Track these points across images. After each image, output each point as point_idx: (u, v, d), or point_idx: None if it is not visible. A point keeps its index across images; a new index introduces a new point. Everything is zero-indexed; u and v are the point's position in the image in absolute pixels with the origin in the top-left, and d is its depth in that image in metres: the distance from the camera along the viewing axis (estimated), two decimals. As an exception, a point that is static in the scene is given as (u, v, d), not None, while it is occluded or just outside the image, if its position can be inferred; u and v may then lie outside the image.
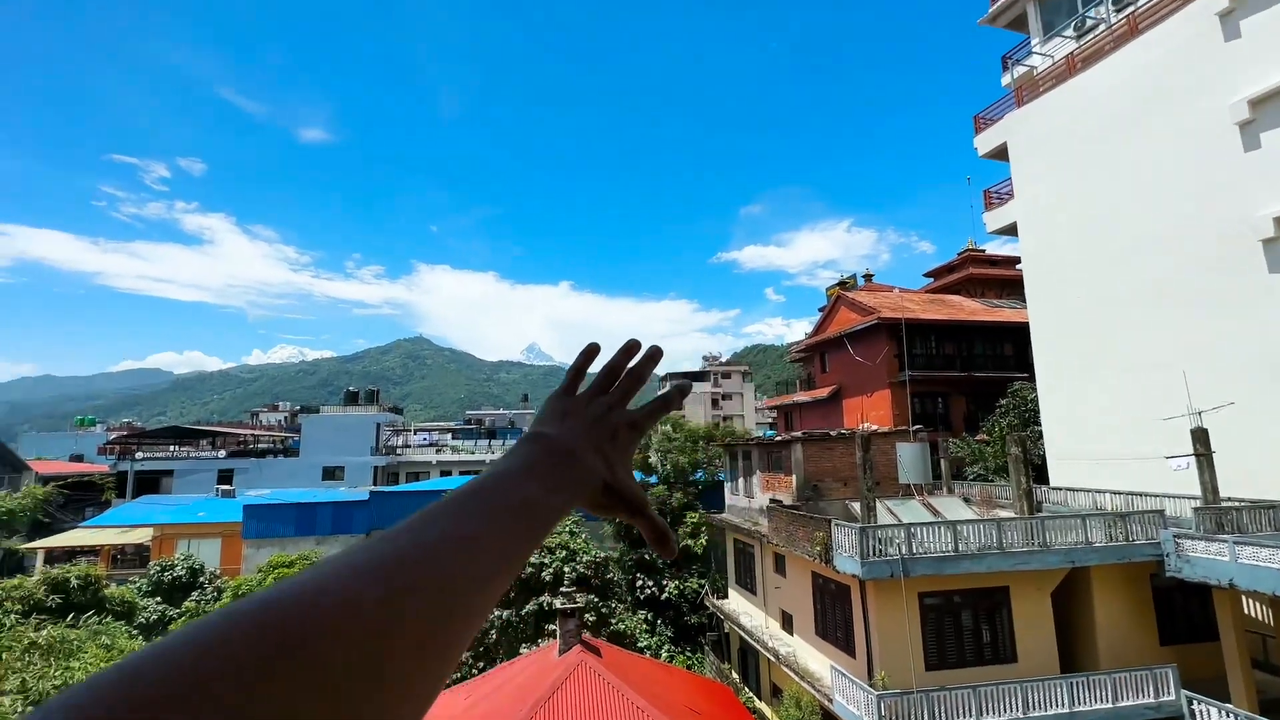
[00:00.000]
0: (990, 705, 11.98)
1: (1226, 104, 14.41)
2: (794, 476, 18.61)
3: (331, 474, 46.09)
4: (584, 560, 19.65)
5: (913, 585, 12.83)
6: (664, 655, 20.83)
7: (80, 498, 42.11)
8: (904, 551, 12.67)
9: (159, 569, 22.68)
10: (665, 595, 23.11)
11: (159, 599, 21.52)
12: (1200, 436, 12.91)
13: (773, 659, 16.86)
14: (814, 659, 15.54)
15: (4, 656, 10.80)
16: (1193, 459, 12.92)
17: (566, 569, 18.51)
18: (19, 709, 9.39)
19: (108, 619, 18.42)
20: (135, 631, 18.97)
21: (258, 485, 41.07)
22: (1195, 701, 11.76)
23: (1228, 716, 11.26)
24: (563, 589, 14.12)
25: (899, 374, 26.44)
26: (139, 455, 46.36)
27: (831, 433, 19.84)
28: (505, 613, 18.52)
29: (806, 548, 14.83)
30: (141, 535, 28.18)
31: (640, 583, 23.29)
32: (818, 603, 15.74)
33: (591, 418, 0.56)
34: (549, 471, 0.48)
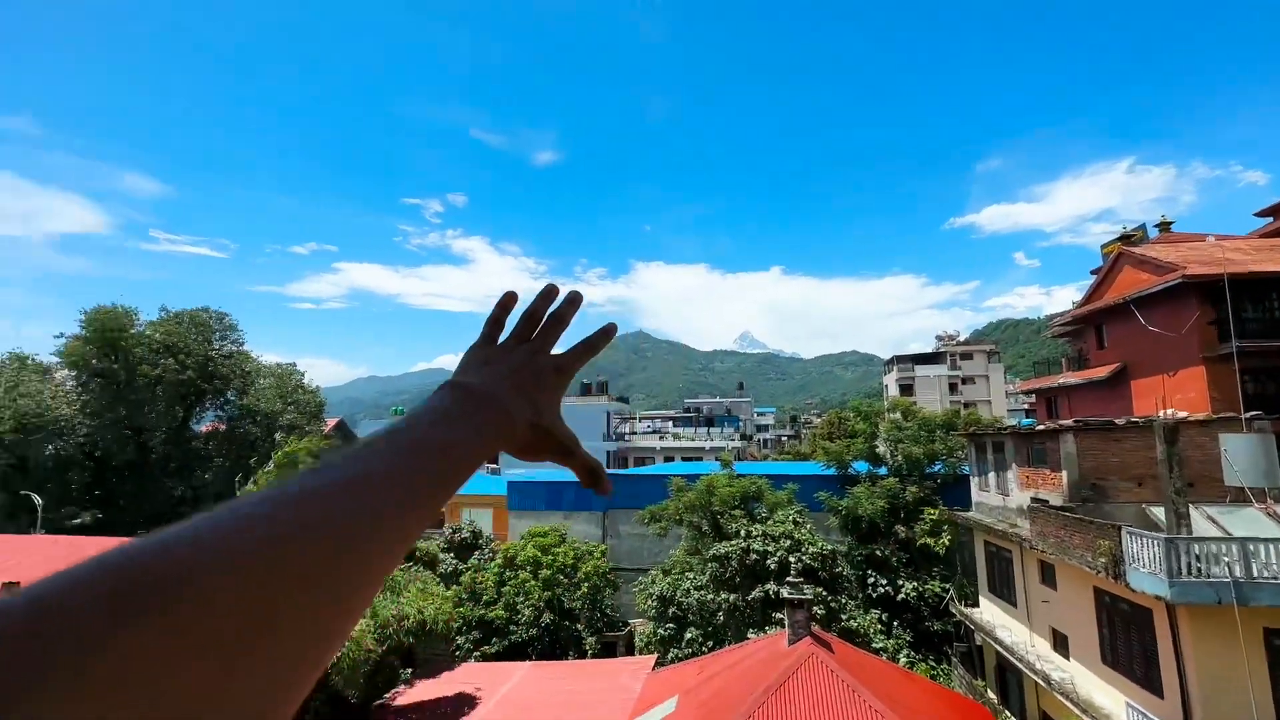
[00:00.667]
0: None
1: None
2: (1064, 473, 15.68)
3: (573, 457, 51.80)
4: (810, 552, 19.11)
5: (1254, 617, 9.92)
6: (902, 660, 19.26)
7: (397, 471, 53.84)
8: (1238, 573, 9.87)
9: (451, 530, 27.87)
10: (901, 596, 21.33)
11: (453, 554, 26.48)
12: None
13: (1042, 683, 14.49)
14: (1100, 691, 12.97)
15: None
16: None
17: (792, 559, 18.20)
18: (371, 631, 12.36)
19: (418, 567, 23.24)
20: (438, 579, 23.67)
21: (515, 465, 48.19)
22: None
23: None
24: (789, 579, 13.92)
25: (1219, 345, 20.49)
26: (433, 438, 57.49)
27: (1118, 421, 16.26)
28: (731, 596, 18.91)
29: (1086, 558, 12.41)
30: (438, 502, 34.94)
31: (872, 580, 21.85)
32: (1103, 625, 13.08)
33: (514, 363, 0.57)
34: (466, 415, 0.47)
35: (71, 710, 0.18)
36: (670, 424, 64.97)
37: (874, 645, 18.95)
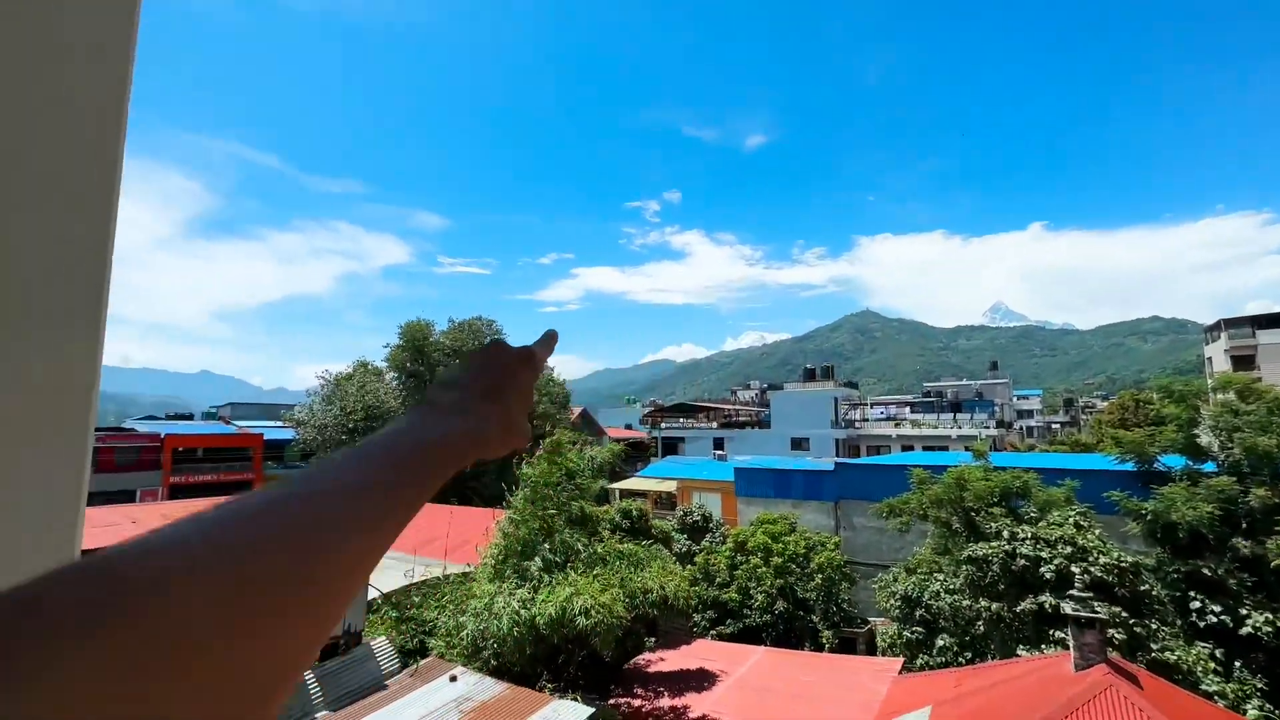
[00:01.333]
0: None
1: None
2: None
3: (798, 444, 50.55)
4: (1100, 562, 15.86)
5: None
6: (1250, 713, 14.83)
7: (633, 455, 58.52)
8: None
9: (682, 513, 29.34)
10: (1247, 629, 16.46)
11: (685, 536, 27.87)
12: None
13: None
14: None
15: (609, 558, 15.89)
16: None
17: (1075, 569, 15.32)
18: (622, 600, 13.65)
19: (657, 545, 24.97)
20: (674, 557, 25.15)
21: (742, 451, 48.62)
22: None
23: None
24: (1071, 592, 11.70)
25: None
26: (663, 425, 61.04)
27: None
28: (993, 605, 16.63)
29: None
30: (670, 486, 37.03)
31: (1198, 605, 17.27)
32: None
33: (487, 369, 0.56)
34: (433, 429, 0.47)
35: (37, 709, 0.18)
36: (907, 410, 59.33)
37: (1204, 687, 14.97)
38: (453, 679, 11.12)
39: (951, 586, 17.94)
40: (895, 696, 13.38)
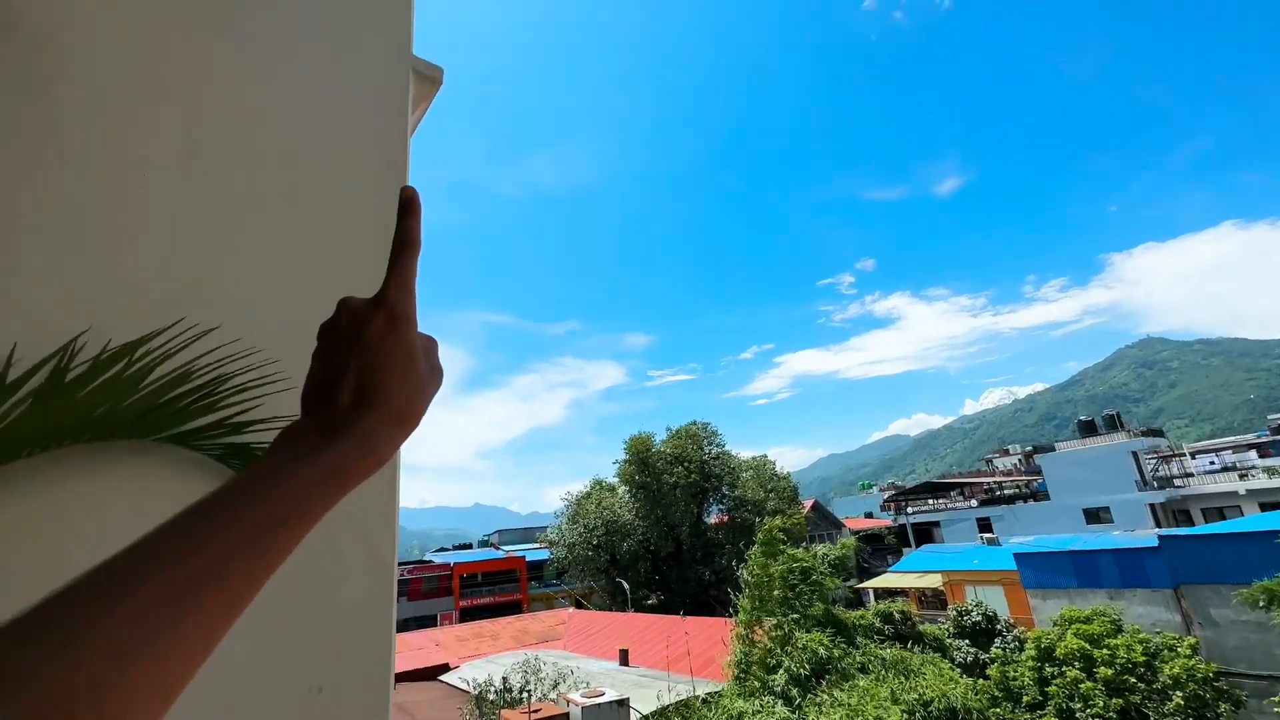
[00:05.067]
0: None
1: None
2: None
3: (1095, 516, 40.83)
4: None
5: None
6: None
7: (880, 547, 52.48)
8: None
9: (957, 612, 24.91)
10: None
11: (967, 641, 23.39)
12: None
13: None
14: None
15: (869, 666, 13.92)
16: None
17: None
18: (885, 705, 11.67)
19: (927, 651, 21.25)
20: (954, 667, 21.08)
21: (1016, 532, 40.58)
22: None
23: None
24: None
25: None
26: (909, 510, 54.37)
27: None
28: None
29: None
30: (933, 580, 32.07)
31: None
32: None
33: (360, 362, 0.44)
34: (296, 461, 0.41)
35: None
36: (1252, 454, 44.89)
37: None
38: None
39: None
40: None
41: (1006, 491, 52.31)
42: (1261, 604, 15.91)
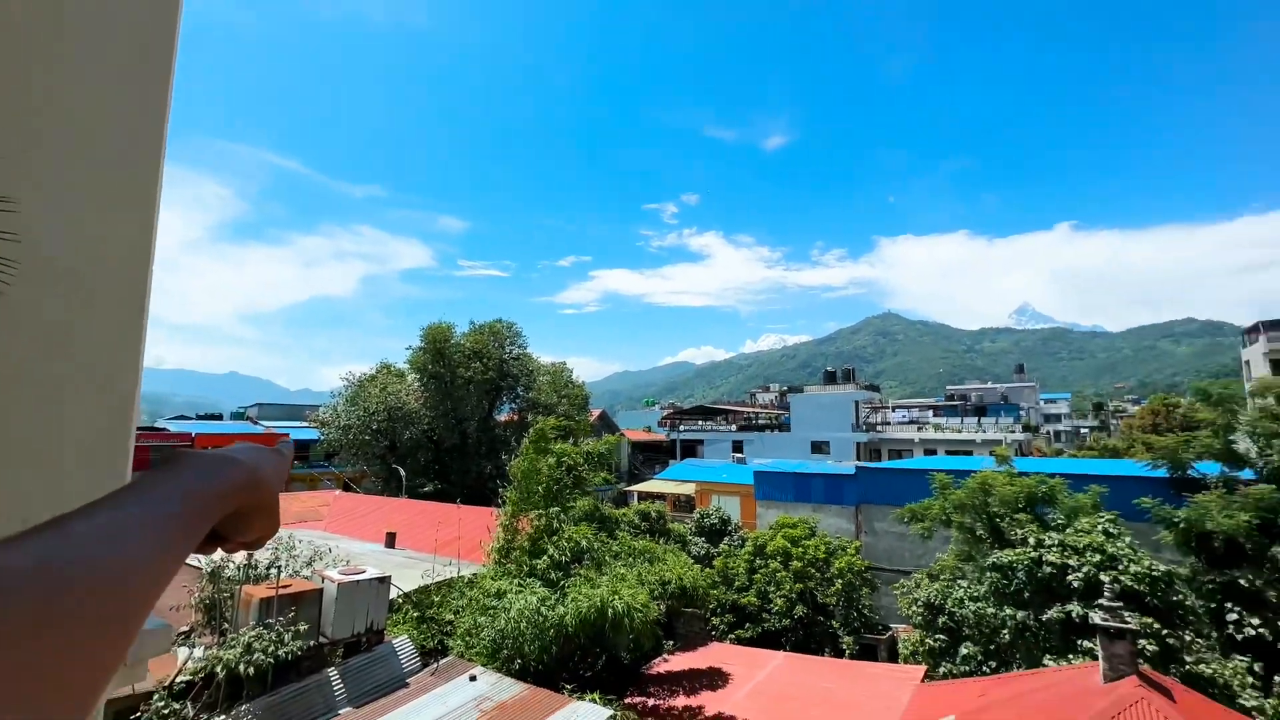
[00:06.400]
0: None
1: None
2: None
3: (819, 448, 50.07)
4: (1131, 571, 15.45)
5: None
6: (1293, 729, 14.30)
7: (651, 457, 58.41)
8: None
9: (700, 515, 29.24)
10: (1288, 643, 15.90)
11: (703, 538, 27.74)
12: None
13: None
14: None
15: (622, 555, 15.90)
16: None
17: (1104, 578, 14.92)
18: (635, 586, 13.62)
19: (674, 546, 24.91)
20: (691, 558, 25.08)
21: (761, 455, 48.32)
22: None
23: None
24: (1101, 601, 11.40)
25: None
26: (681, 427, 60.89)
27: None
28: (1019, 613, 16.29)
29: None
30: (689, 489, 36.94)
31: (1235, 618, 16.74)
32: None
33: (245, 447, 0.57)
34: (218, 469, 0.48)
35: None
36: (930, 413, 58.43)
37: (1241, 702, 14.48)
38: (472, 678, 11.21)
39: (975, 594, 17.61)
40: (919, 705, 13.16)
41: (761, 421, 61.28)
42: (906, 520, 21.47)
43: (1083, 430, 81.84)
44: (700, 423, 63.16)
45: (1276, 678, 15.92)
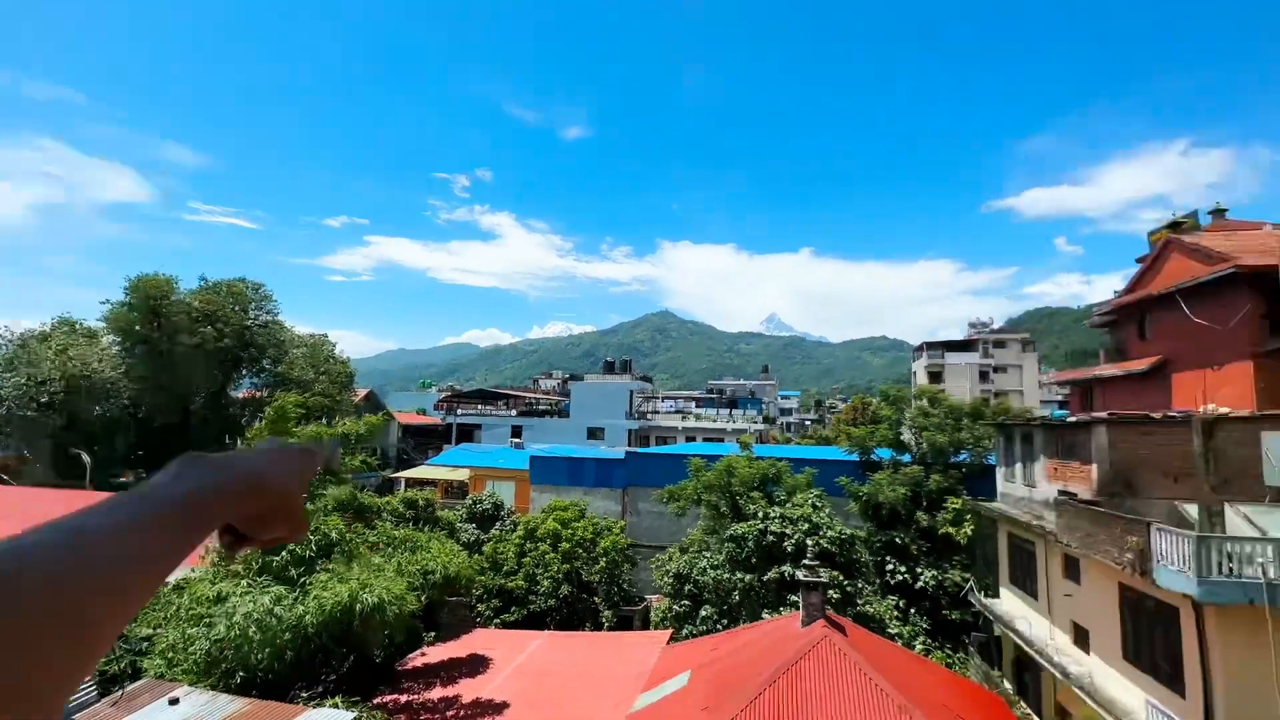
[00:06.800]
0: None
1: None
2: (1095, 466, 15.29)
3: (595, 434, 52.27)
4: (828, 535, 19.07)
5: (1286, 620, 9.64)
6: (918, 648, 19.22)
7: (425, 441, 55.10)
8: (1271, 574, 9.57)
9: (473, 501, 28.51)
10: (920, 584, 21.22)
11: (474, 525, 27.09)
12: None
13: (1060, 676, 14.35)
14: (1119, 687, 12.79)
15: (380, 545, 14.79)
16: None
17: (809, 542, 18.19)
18: (391, 578, 12.75)
19: (441, 533, 23.90)
20: (460, 547, 24.31)
21: (540, 440, 48.80)
22: None
23: None
24: (805, 561, 13.94)
25: (1269, 340, 19.60)
26: (459, 411, 58.49)
27: (1154, 415, 15.75)
28: (747, 576, 19.02)
29: (1113, 553, 12.16)
30: (463, 474, 35.70)
31: (891, 567, 21.75)
32: (1127, 621, 12.84)
33: (265, 449, 0.59)
34: (205, 475, 0.48)
35: None
36: (693, 404, 64.92)
37: (889, 631, 18.92)
38: (173, 702, 9.39)
39: (715, 562, 20.13)
40: (662, 666, 14.61)
41: (542, 407, 61.82)
42: (665, 500, 23.66)
43: (806, 422, 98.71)
44: (480, 407, 61.48)
45: (912, 610, 21.15)
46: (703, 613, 19.73)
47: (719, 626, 18.84)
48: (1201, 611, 10.33)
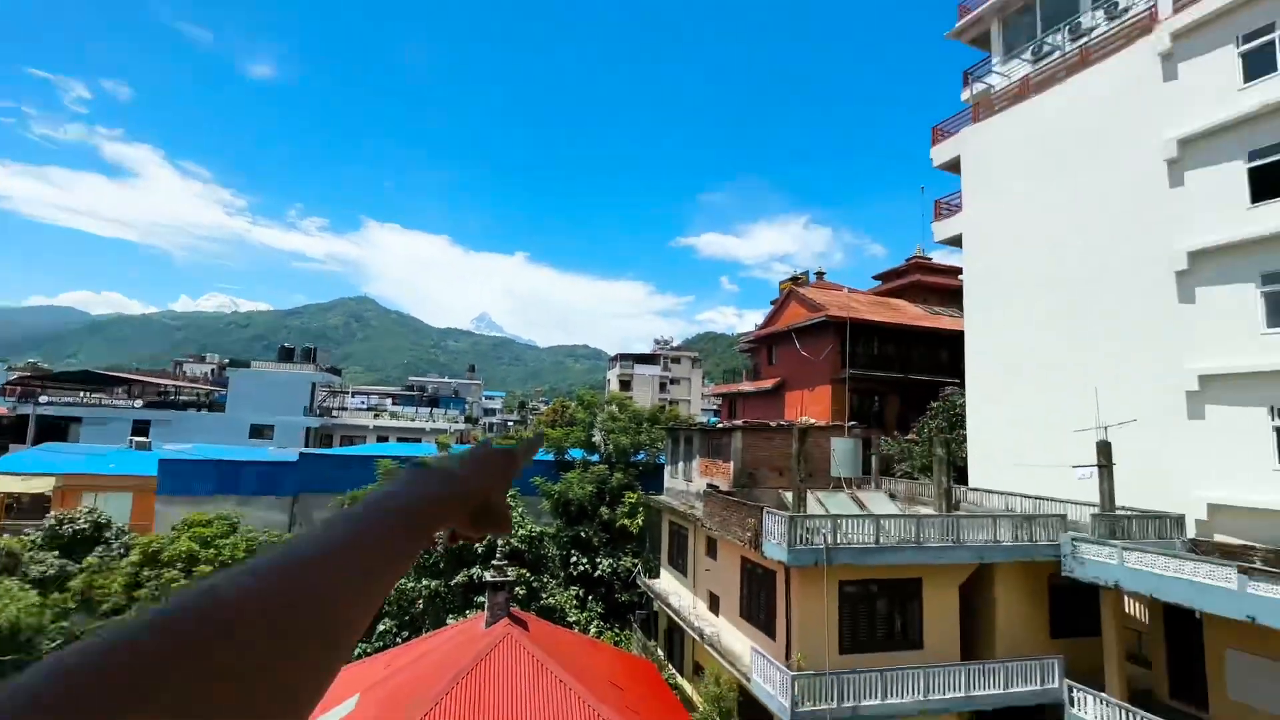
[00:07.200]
0: (895, 688, 12.74)
1: (1159, 141, 15.32)
2: (732, 464, 19.02)
3: (260, 432, 44.11)
4: (519, 534, 19.59)
5: (835, 573, 13.40)
6: (593, 631, 21.09)
7: (-21, 440, 38.83)
8: (829, 541, 13.20)
9: (58, 521, 21.22)
10: (599, 572, 23.36)
11: (57, 553, 20.16)
12: (1104, 449, 13.93)
13: (697, 638, 17.35)
14: (736, 640, 16.09)
15: None
16: (1096, 469, 13.93)
17: (499, 542, 18.42)
18: None
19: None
20: (28, 585, 17.72)
21: (178, 439, 38.81)
22: (1075, 690, 12.85)
23: (1102, 704, 12.36)
24: (494, 561, 14.06)
25: (840, 371, 27.32)
26: (43, 399, 43.06)
27: (771, 424, 20.35)
28: (433, 582, 18.31)
29: (738, 533, 15.24)
30: (42, 485, 26.29)
31: (575, 559, 23.42)
32: (744, 586, 16.25)
33: (474, 454, 0.64)
34: (429, 485, 0.53)
35: None
36: (390, 401, 60.07)
37: (569, 619, 20.32)
38: None
39: (400, 571, 18.87)
40: (328, 695, 12.99)
41: (184, 398, 49.66)
42: (346, 506, 21.19)
43: (509, 423, 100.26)
44: (84, 394, 46.30)
45: (590, 598, 23.13)
46: (380, 627, 18.26)
47: (399, 640, 17.67)
48: (789, 573, 13.69)
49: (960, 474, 19.38)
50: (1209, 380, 14.09)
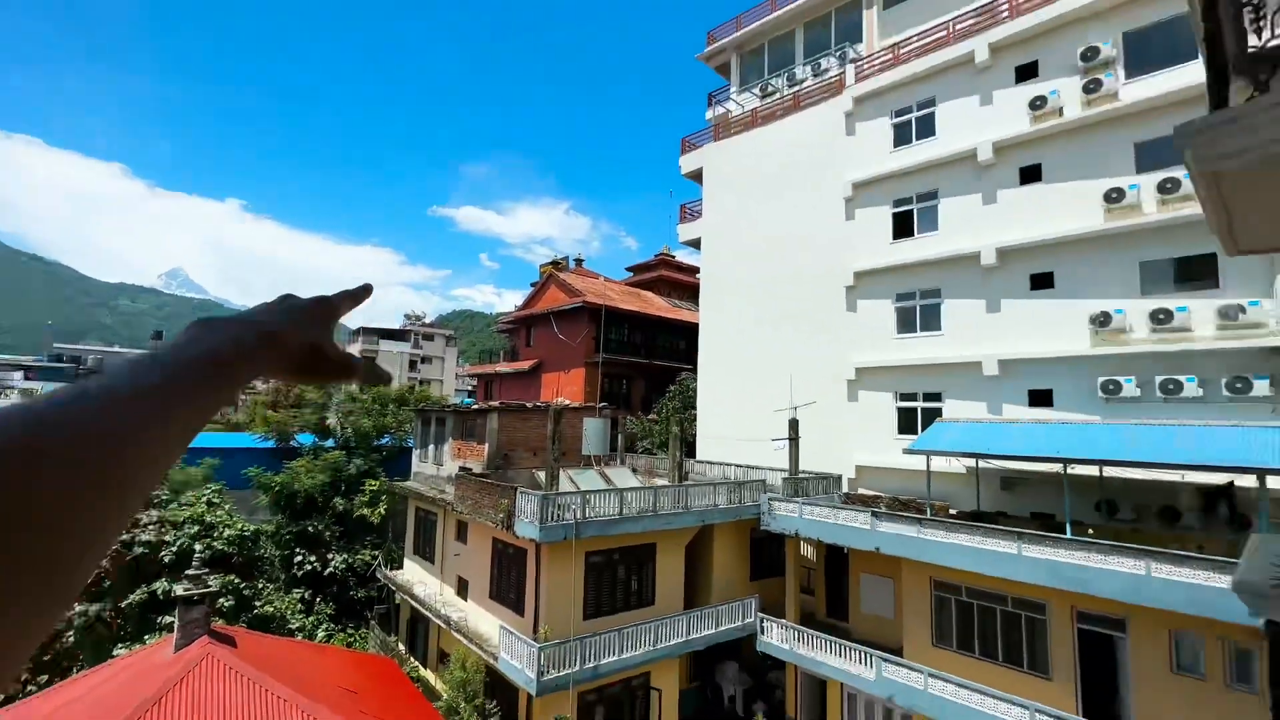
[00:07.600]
0: (630, 642, 14.08)
1: (841, 182, 19.40)
2: (487, 445, 18.73)
3: None
4: (225, 535, 16.51)
5: (582, 546, 14.20)
6: (320, 636, 18.89)
7: None
8: (579, 516, 13.91)
9: None
10: (330, 570, 20.95)
11: None
12: (793, 425, 17.26)
13: (443, 625, 16.79)
14: (485, 622, 16.00)
15: None
16: (787, 441, 17.20)
17: (198, 547, 15.29)
18: None
19: None
20: None
21: None
22: (764, 620, 15.78)
23: (781, 629, 15.41)
24: (189, 571, 11.58)
25: (594, 355, 28.83)
26: None
27: (528, 405, 20.54)
28: (94, 607, 14.41)
29: (491, 514, 15.11)
30: None
31: (300, 558, 20.63)
32: (495, 567, 16.22)
33: (285, 303, 0.59)
34: (229, 332, 0.49)
35: None
36: (20, 375, 44.99)
37: (291, 627, 17.88)
38: None
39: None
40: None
41: None
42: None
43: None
44: None
45: (319, 599, 20.63)
46: None
47: (32, 688, 13.49)
48: (540, 550, 14.07)
49: (690, 448, 22.11)
50: (862, 371, 18.40)
